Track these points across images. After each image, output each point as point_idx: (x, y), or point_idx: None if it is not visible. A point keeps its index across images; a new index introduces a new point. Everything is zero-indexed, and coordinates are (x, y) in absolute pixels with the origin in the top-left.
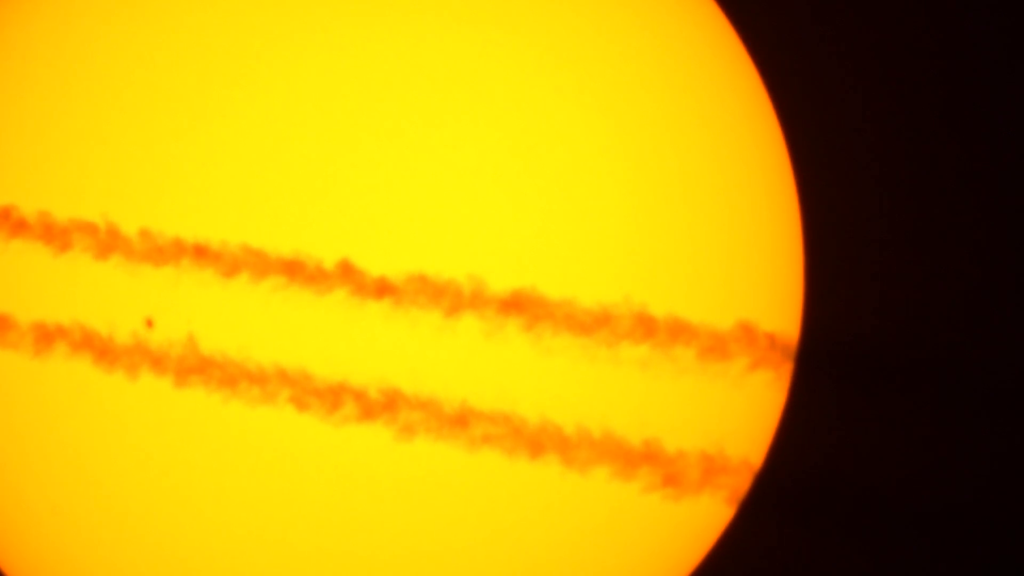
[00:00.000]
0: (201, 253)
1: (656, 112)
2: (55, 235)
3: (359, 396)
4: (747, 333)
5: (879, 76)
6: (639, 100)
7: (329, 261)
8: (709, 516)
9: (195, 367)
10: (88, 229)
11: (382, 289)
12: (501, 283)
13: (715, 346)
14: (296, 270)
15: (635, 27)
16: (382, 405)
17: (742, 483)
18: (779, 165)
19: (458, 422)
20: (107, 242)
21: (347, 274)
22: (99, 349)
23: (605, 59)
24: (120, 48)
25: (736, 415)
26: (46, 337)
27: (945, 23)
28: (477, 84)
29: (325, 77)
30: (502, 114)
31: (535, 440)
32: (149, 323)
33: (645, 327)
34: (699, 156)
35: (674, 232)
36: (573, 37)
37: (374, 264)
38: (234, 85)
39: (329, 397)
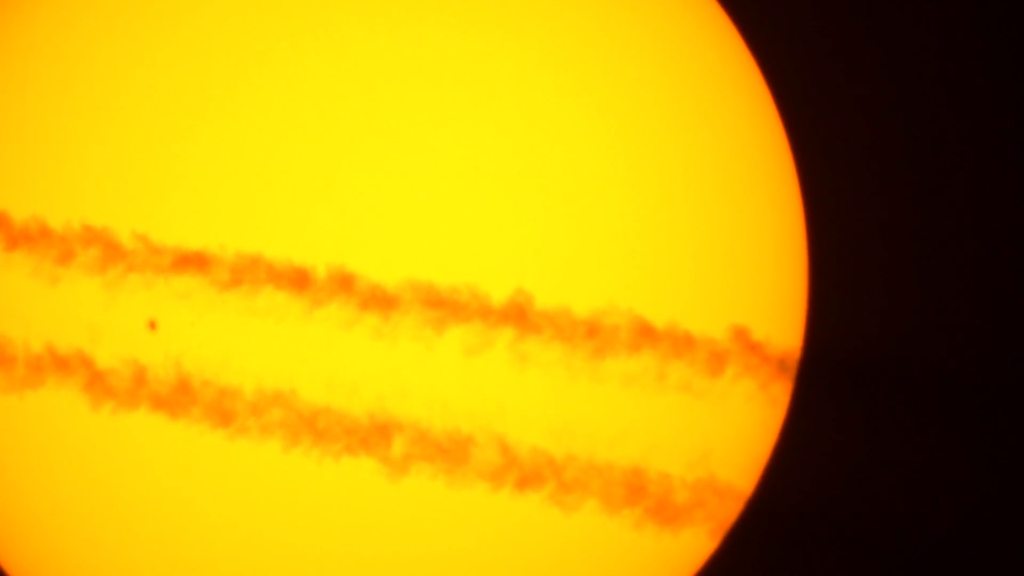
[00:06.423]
0: (195, 265)
1: (657, 116)
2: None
3: (350, 425)
4: (746, 347)
5: (884, 79)
6: (639, 103)
7: (321, 272)
8: (696, 546)
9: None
10: (83, 240)
11: (373, 302)
12: (496, 295)
13: (713, 360)
14: (287, 282)
15: (634, 29)
16: (373, 433)
17: (733, 511)
18: (783, 170)
19: (450, 451)
20: (106, 256)
21: (342, 286)
22: (94, 372)
23: (604, 62)
24: (116, 57)
25: (731, 435)
26: (38, 364)
27: (948, 23)
28: (474, 87)
29: (320, 85)
30: (500, 118)
31: (526, 470)
32: (152, 325)
33: (642, 339)
34: (700, 162)
35: (674, 240)
36: (571, 39)
37: (370, 274)
38: (227, 94)
39: (320, 424)
